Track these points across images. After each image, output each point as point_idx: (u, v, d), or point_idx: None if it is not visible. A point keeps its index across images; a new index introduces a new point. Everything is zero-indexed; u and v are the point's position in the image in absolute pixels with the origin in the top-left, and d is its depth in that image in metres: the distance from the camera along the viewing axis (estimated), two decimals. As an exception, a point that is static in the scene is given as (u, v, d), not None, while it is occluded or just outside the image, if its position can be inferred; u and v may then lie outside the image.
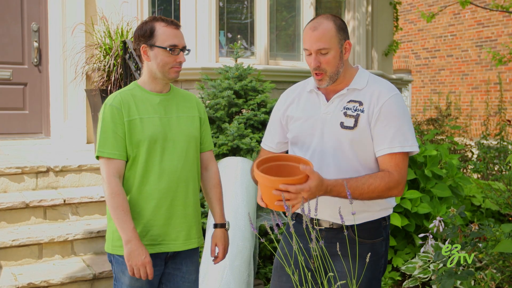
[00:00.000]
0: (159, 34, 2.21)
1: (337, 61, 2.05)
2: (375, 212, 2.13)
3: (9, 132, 5.74)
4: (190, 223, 2.31)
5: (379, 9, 7.24)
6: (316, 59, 2.04)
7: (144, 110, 2.22)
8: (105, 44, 4.88)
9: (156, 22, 2.24)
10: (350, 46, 2.10)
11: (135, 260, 2.11)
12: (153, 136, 2.20)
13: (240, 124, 4.08)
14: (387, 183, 1.97)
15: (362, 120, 2.04)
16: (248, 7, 6.31)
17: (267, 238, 3.79)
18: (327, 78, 2.06)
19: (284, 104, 2.27)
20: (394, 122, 2.01)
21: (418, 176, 4.12)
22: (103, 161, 2.17)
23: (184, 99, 2.37)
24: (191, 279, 2.37)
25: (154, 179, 2.21)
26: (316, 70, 2.06)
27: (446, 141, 6.98)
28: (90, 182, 4.48)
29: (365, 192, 1.95)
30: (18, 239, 3.59)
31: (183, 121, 2.30)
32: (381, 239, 2.16)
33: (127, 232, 2.11)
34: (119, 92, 2.26)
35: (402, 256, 3.98)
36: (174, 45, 2.21)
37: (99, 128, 2.20)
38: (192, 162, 2.31)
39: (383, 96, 2.04)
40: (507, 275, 2.67)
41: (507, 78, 11.21)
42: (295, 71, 6.02)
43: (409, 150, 2.02)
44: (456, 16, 12.21)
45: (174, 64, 2.22)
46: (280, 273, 2.24)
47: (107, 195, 2.15)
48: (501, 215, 4.76)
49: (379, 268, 2.17)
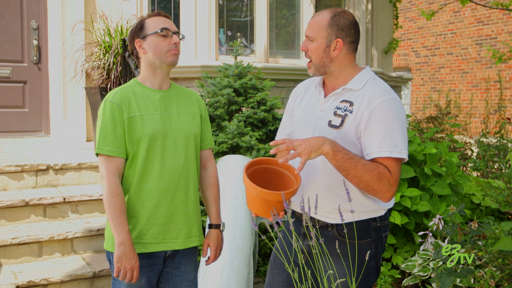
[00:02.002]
0: (149, 24, 2.24)
1: (320, 53, 2.07)
2: (361, 212, 2.09)
3: (9, 130, 5.74)
4: (191, 221, 2.30)
5: (379, 7, 7.23)
6: (304, 43, 2.12)
7: (145, 107, 2.21)
8: (105, 42, 4.88)
9: (145, 18, 2.29)
10: (341, 45, 2.07)
11: (125, 263, 2.11)
12: (153, 133, 2.18)
13: (239, 122, 4.08)
14: (380, 173, 1.94)
15: (349, 121, 2.02)
16: (247, 5, 6.30)
17: (267, 236, 3.79)
18: (313, 66, 2.11)
19: (293, 96, 2.32)
20: (383, 127, 1.97)
21: (417, 174, 4.12)
22: (102, 159, 2.15)
23: (184, 96, 2.35)
24: (189, 278, 2.36)
25: (155, 176, 2.19)
26: (306, 56, 2.13)
27: (446, 139, 6.98)
28: (90, 180, 4.48)
29: (359, 168, 1.92)
30: (18, 237, 3.59)
31: (184, 118, 2.29)
32: (369, 240, 2.12)
33: (121, 235, 2.11)
34: (119, 88, 2.24)
35: (401, 254, 3.98)
36: (165, 28, 2.22)
37: (99, 125, 2.18)
38: (193, 160, 2.30)
39: (375, 100, 2.01)
40: (507, 273, 2.67)
41: (507, 76, 11.20)
42: (295, 69, 6.02)
43: (398, 156, 1.97)
44: (456, 14, 12.20)
45: (170, 47, 2.22)
46: (273, 267, 2.28)
47: (105, 194, 2.13)
48: (501, 213, 4.76)
49: (368, 270, 2.12)
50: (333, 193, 2.06)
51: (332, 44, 2.07)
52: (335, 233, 2.09)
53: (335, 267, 2.06)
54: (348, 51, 2.10)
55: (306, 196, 2.07)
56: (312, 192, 2.08)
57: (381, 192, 1.97)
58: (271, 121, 4.33)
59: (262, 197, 1.90)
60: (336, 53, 2.07)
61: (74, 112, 5.83)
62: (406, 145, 2.02)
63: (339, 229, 2.08)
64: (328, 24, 2.06)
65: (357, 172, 1.92)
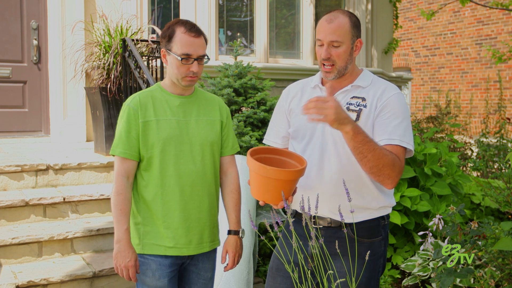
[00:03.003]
0: (176, 41, 2.18)
1: (347, 56, 2.09)
2: (374, 210, 2.12)
3: (9, 130, 5.74)
4: (203, 227, 2.30)
5: (379, 7, 7.24)
6: (327, 50, 2.07)
7: (162, 112, 2.22)
8: (105, 42, 4.88)
9: (178, 26, 2.20)
10: (361, 44, 2.14)
11: (120, 260, 2.16)
12: (167, 138, 2.20)
13: (239, 122, 4.08)
14: (393, 159, 1.97)
15: (364, 114, 2.06)
16: (247, 5, 6.30)
17: (266, 236, 3.79)
18: (335, 71, 2.09)
19: (288, 97, 2.29)
20: (395, 117, 2.04)
21: (417, 174, 4.12)
22: (116, 159, 2.22)
23: (207, 102, 2.35)
24: (206, 276, 2.38)
25: (170, 181, 2.21)
26: (324, 61, 2.08)
27: (445, 139, 6.98)
28: (90, 180, 4.48)
29: (377, 152, 1.92)
30: (18, 237, 3.59)
31: (202, 125, 2.29)
32: (380, 238, 2.16)
33: (118, 232, 2.16)
34: (139, 93, 2.28)
35: (401, 254, 3.98)
36: (187, 55, 2.16)
37: (117, 127, 2.24)
38: (209, 166, 2.30)
39: (388, 92, 2.08)
40: (507, 273, 2.67)
41: (507, 76, 11.20)
42: (295, 69, 6.01)
43: (406, 146, 2.03)
44: (456, 14, 12.20)
45: (187, 73, 2.20)
46: (275, 274, 2.24)
47: (111, 193, 2.20)
48: (501, 213, 4.76)
49: (378, 268, 2.17)
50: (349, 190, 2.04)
51: (354, 45, 2.12)
52: (349, 232, 2.10)
53: (348, 266, 2.07)
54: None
55: (317, 194, 2.04)
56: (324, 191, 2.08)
57: (391, 177, 1.98)
58: (271, 121, 4.33)
59: (271, 176, 1.87)
60: (356, 53, 2.14)
61: (74, 112, 5.83)
62: (412, 140, 2.07)
63: (354, 229, 2.09)
64: (351, 26, 2.09)
65: (374, 155, 1.92)
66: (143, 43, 4.84)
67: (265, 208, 3.81)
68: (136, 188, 2.26)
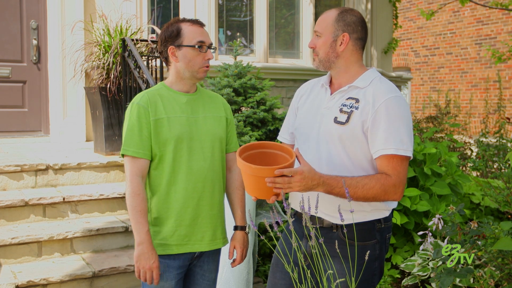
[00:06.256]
0: (186, 33, 2.21)
1: (326, 47, 2.10)
2: (366, 213, 2.08)
3: (8, 130, 5.74)
4: (216, 223, 2.32)
5: (378, 6, 7.24)
6: (312, 40, 2.18)
7: (171, 110, 2.23)
8: (104, 42, 4.88)
9: (181, 22, 2.25)
10: (348, 40, 2.09)
11: (143, 263, 2.13)
12: (180, 136, 2.20)
13: (239, 122, 4.09)
14: (383, 185, 1.95)
15: (355, 117, 2.03)
16: (247, 4, 6.30)
17: (266, 235, 3.79)
18: (318, 60, 2.15)
19: (298, 95, 2.33)
20: (389, 124, 1.97)
21: (417, 173, 4.12)
22: (127, 160, 2.19)
23: (211, 100, 2.37)
24: (210, 277, 2.38)
25: (182, 178, 2.21)
26: (314, 52, 2.18)
27: (445, 139, 6.99)
28: (90, 180, 4.48)
29: (360, 192, 1.93)
30: (17, 237, 3.59)
31: (210, 121, 2.31)
32: (374, 242, 2.11)
33: (140, 234, 2.13)
34: (146, 91, 2.27)
35: (401, 253, 3.98)
36: (202, 42, 2.21)
37: (125, 126, 2.22)
38: (218, 162, 2.32)
39: (380, 98, 2.01)
40: (506, 273, 2.67)
41: (507, 76, 11.21)
42: (294, 69, 6.01)
43: (403, 154, 1.97)
44: (455, 13, 12.20)
45: (204, 63, 2.23)
46: (275, 270, 2.27)
47: (127, 194, 2.17)
48: (500, 212, 4.76)
49: (372, 271, 2.12)
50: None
51: (338, 39, 2.09)
52: (340, 234, 2.08)
53: (340, 268, 2.05)
54: (355, 47, 2.11)
55: (310, 195, 2.04)
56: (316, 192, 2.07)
57: (389, 199, 2.01)
58: (271, 121, 4.33)
59: (257, 174, 1.89)
60: (342, 48, 2.09)
61: (74, 112, 5.83)
62: (411, 143, 2.02)
63: (344, 231, 2.07)
64: (335, 20, 2.09)
65: (359, 194, 1.95)
66: (143, 43, 4.84)
67: (264, 208, 3.82)
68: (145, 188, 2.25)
